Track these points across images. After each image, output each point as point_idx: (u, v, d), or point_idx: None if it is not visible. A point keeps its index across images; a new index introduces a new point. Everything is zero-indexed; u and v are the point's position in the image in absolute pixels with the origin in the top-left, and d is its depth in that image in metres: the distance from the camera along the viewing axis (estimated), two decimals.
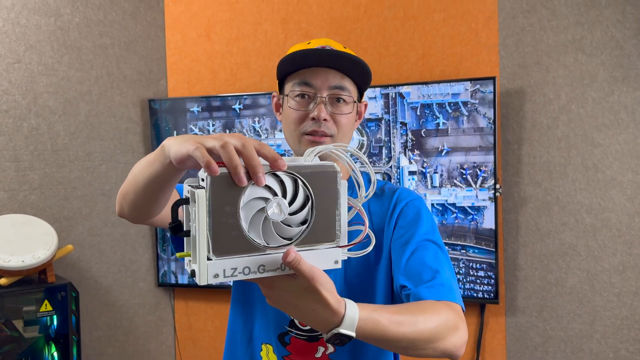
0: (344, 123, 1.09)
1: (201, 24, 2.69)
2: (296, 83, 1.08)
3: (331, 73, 1.07)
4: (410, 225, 1.07)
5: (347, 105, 1.09)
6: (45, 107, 2.35)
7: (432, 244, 1.03)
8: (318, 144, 1.06)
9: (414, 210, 1.09)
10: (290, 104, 1.09)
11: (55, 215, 2.37)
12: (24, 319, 2.00)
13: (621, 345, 2.23)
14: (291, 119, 1.09)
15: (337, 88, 1.07)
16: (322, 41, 1.12)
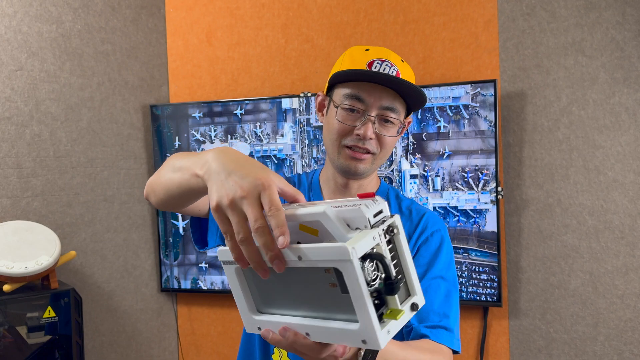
0: (387, 143, 1.08)
1: (202, 30, 2.70)
2: (347, 95, 1.06)
3: (385, 92, 1.04)
4: (430, 257, 1.08)
5: (394, 126, 1.07)
6: (47, 114, 2.36)
7: (445, 283, 1.05)
8: (358, 160, 1.07)
9: (437, 242, 1.10)
10: (338, 116, 1.07)
11: (58, 221, 2.38)
12: (27, 325, 2.01)
13: (625, 347, 2.22)
14: (335, 129, 1.08)
15: (387, 109, 1.05)
16: (380, 52, 1.09)
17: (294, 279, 0.65)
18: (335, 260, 0.58)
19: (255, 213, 0.61)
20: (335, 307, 0.62)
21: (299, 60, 2.58)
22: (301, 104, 2.45)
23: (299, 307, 0.67)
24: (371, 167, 1.10)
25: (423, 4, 2.43)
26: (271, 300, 0.70)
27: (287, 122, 2.47)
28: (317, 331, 0.64)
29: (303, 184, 1.21)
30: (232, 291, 0.72)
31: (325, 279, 0.61)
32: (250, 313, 0.71)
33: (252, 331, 0.72)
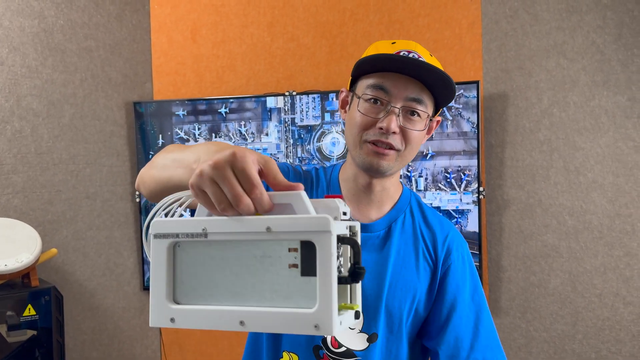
0: (413, 138, 0.98)
1: (187, 27, 2.69)
2: (371, 86, 0.98)
3: (412, 83, 0.96)
4: (457, 283, 1.04)
5: (420, 120, 0.98)
6: (29, 110, 2.33)
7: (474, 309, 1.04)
8: (381, 155, 0.98)
9: (461, 263, 1.06)
10: (360, 107, 0.99)
11: (39, 218, 2.35)
12: (7, 324, 1.98)
13: (603, 345, 2.26)
14: (356, 123, 0.99)
15: (414, 100, 0.96)
16: (408, 44, 1.00)
17: (237, 262, 0.62)
18: (312, 232, 0.57)
19: (231, 184, 0.59)
20: (287, 292, 0.60)
21: (284, 59, 2.59)
22: (286, 103, 2.45)
23: (234, 295, 0.62)
24: (395, 165, 1.00)
25: (408, 5, 2.45)
26: (197, 289, 0.64)
27: (272, 121, 2.47)
28: (255, 318, 0.60)
29: (321, 180, 1.12)
30: (153, 272, 0.64)
31: (285, 258, 0.59)
32: (165, 301, 0.64)
33: (158, 324, 0.64)
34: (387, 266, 1.03)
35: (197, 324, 0.63)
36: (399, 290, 1.02)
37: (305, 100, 2.43)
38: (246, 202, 0.59)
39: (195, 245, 0.63)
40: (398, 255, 1.04)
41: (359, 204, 1.07)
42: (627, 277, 2.23)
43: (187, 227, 0.63)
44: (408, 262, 1.04)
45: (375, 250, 1.04)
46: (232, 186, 0.59)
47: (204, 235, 0.62)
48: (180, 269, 0.64)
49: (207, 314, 0.62)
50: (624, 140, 2.22)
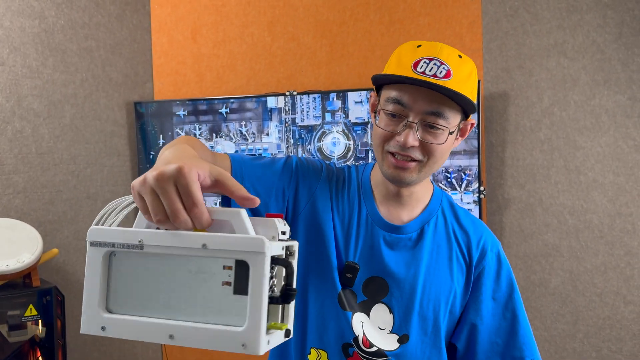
0: (434, 151, 0.97)
1: (187, 27, 2.69)
2: (390, 99, 0.96)
3: (432, 95, 0.93)
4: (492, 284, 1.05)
5: (442, 133, 0.96)
6: (29, 110, 2.33)
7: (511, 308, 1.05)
8: (401, 168, 0.97)
9: (496, 264, 1.07)
10: (380, 121, 0.99)
11: (40, 219, 2.35)
12: (8, 324, 1.98)
13: (603, 344, 2.27)
14: (378, 134, 0.99)
15: (432, 114, 0.94)
16: (432, 49, 0.96)
17: (171, 276, 0.63)
18: (247, 252, 0.58)
19: (169, 198, 0.60)
20: (218, 309, 0.60)
21: (285, 59, 2.59)
22: (287, 102, 2.45)
23: (166, 308, 0.63)
24: (419, 176, 1.00)
25: (408, 4, 2.45)
26: (130, 300, 0.64)
27: (273, 122, 2.47)
28: (184, 333, 0.61)
29: (352, 179, 1.11)
30: (87, 279, 0.64)
31: (219, 275, 0.60)
32: (98, 308, 0.63)
33: (89, 331, 0.64)
34: (420, 268, 1.03)
35: (127, 334, 0.63)
36: (433, 292, 1.03)
37: (305, 100, 2.43)
38: (184, 219, 0.60)
39: (130, 255, 0.64)
40: (431, 257, 1.04)
41: (390, 207, 1.07)
42: (627, 276, 2.23)
43: (123, 238, 0.63)
44: (442, 263, 1.05)
45: (407, 251, 1.05)
46: (171, 201, 0.59)
47: (140, 247, 0.62)
48: (115, 278, 0.64)
49: (137, 325, 0.63)
50: (624, 139, 2.22)
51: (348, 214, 1.07)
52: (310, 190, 1.07)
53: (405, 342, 1.03)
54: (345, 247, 1.05)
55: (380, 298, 1.03)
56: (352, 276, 1.02)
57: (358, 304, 1.03)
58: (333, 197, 1.08)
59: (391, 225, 1.05)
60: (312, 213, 1.06)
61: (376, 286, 1.04)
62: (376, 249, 1.04)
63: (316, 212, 1.06)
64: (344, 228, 1.06)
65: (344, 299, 1.03)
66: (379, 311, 1.03)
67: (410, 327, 1.02)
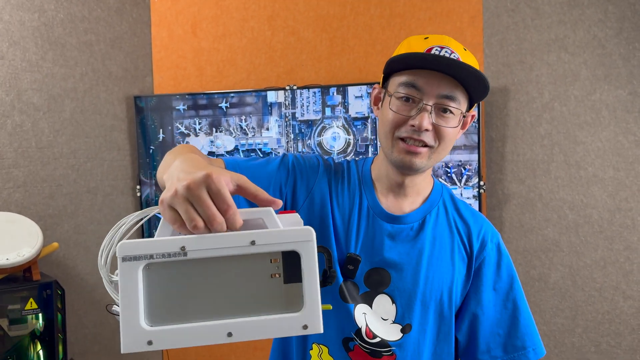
0: (446, 135, 0.98)
1: (187, 21, 2.68)
2: (403, 83, 0.97)
3: (445, 80, 0.95)
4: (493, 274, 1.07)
5: (454, 117, 0.98)
6: (29, 104, 2.33)
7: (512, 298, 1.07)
8: (414, 153, 0.98)
9: (496, 255, 1.08)
10: (392, 105, 0.99)
11: (40, 213, 2.35)
12: (8, 318, 1.99)
13: (602, 339, 2.27)
14: (388, 120, 0.99)
15: (446, 97, 0.96)
16: (441, 39, 0.99)
17: (217, 278, 0.64)
18: (296, 242, 0.63)
19: (204, 204, 0.62)
20: (271, 301, 0.64)
21: (285, 53, 2.58)
22: (287, 97, 2.45)
23: (215, 310, 0.64)
24: (428, 162, 1.01)
25: None
26: (173, 309, 0.64)
27: (273, 116, 2.47)
28: (242, 328, 0.63)
29: (352, 173, 1.12)
30: (123, 296, 0.63)
31: (266, 269, 0.64)
32: (140, 323, 0.63)
33: (134, 349, 0.63)
34: (422, 258, 1.04)
35: (179, 342, 0.63)
36: (436, 282, 1.04)
37: (305, 94, 2.43)
38: (220, 221, 0.62)
39: (168, 265, 0.64)
40: (433, 246, 1.05)
41: (392, 198, 1.08)
42: (627, 271, 2.23)
43: (162, 248, 0.63)
44: (444, 253, 1.06)
45: (409, 241, 1.05)
46: (207, 207, 0.62)
47: (183, 254, 0.63)
48: (152, 291, 0.64)
49: (190, 331, 0.63)
50: (624, 134, 2.22)
51: (348, 207, 1.07)
52: (308, 186, 1.08)
53: (408, 331, 1.04)
54: (347, 239, 1.05)
55: (383, 289, 1.04)
56: (354, 268, 1.03)
57: (360, 296, 1.04)
58: (332, 190, 1.09)
59: (392, 216, 1.06)
60: (311, 208, 1.06)
61: (378, 277, 1.04)
62: (377, 240, 1.05)
63: (315, 207, 1.06)
64: (344, 221, 1.06)
65: (345, 292, 1.04)
66: (381, 302, 1.04)
67: (413, 316, 1.03)
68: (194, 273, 0.64)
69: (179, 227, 0.64)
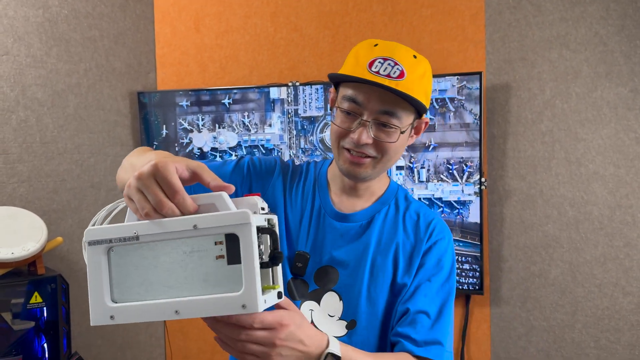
0: (388, 149, 1.00)
1: (190, 17, 2.69)
2: (345, 97, 0.99)
3: (385, 95, 0.96)
4: (432, 268, 1.07)
5: (395, 131, 0.98)
6: (33, 100, 2.34)
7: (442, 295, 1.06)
8: (356, 164, 1.01)
9: (439, 252, 1.08)
10: (337, 118, 1.02)
11: (44, 207, 2.37)
12: (12, 312, 2.01)
13: (602, 334, 2.29)
14: (333, 131, 1.03)
15: (386, 114, 0.97)
16: (388, 49, 0.98)
17: (168, 260, 0.69)
18: (234, 225, 0.65)
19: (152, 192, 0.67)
20: (215, 281, 0.67)
21: (288, 49, 2.59)
22: (289, 94, 2.46)
23: (166, 289, 0.69)
24: (373, 172, 1.04)
25: None
26: (132, 287, 0.70)
27: (275, 112, 2.48)
28: (188, 306, 0.67)
29: (310, 174, 1.16)
30: (90, 276, 0.71)
31: (212, 251, 0.67)
32: (104, 300, 0.70)
33: (100, 322, 0.71)
34: (367, 254, 1.06)
35: (135, 317, 0.69)
36: (380, 277, 1.06)
37: (308, 91, 2.44)
38: (169, 206, 0.67)
39: (127, 248, 0.70)
40: (379, 243, 1.07)
41: (345, 199, 1.11)
42: (626, 268, 2.25)
43: (119, 233, 0.70)
44: (389, 250, 1.07)
45: (355, 239, 1.08)
46: (154, 194, 0.67)
47: (136, 238, 0.69)
48: (115, 271, 0.71)
49: (144, 308, 0.69)
50: (625, 131, 2.23)
51: (301, 206, 1.11)
52: (263, 188, 1.12)
53: (353, 327, 1.05)
54: (297, 238, 1.09)
55: (331, 286, 1.06)
56: (302, 265, 1.06)
57: (310, 293, 1.06)
58: (287, 191, 1.12)
59: (341, 215, 1.09)
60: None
61: (327, 275, 1.07)
62: (328, 239, 1.08)
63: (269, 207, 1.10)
64: (295, 220, 1.10)
65: (293, 288, 1.07)
66: (329, 299, 1.06)
67: (358, 312, 1.05)
68: (147, 255, 0.70)
69: (139, 215, 0.69)
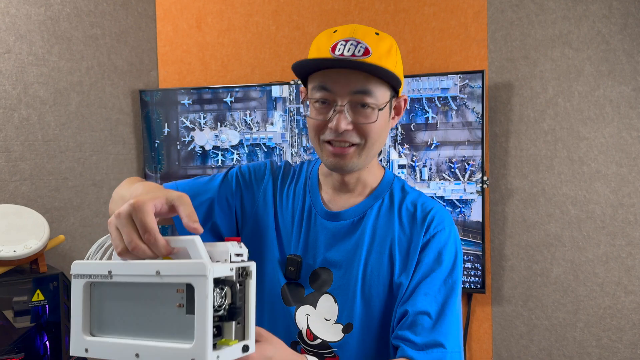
0: (370, 131, 0.95)
1: (192, 15, 2.69)
2: (315, 87, 0.96)
3: (353, 75, 0.92)
4: (431, 263, 0.98)
5: (373, 111, 0.94)
6: (35, 98, 2.34)
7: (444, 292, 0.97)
8: (340, 156, 0.96)
9: (439, 244, 1.00)
10: (310, 111, 0.98)
11: (47, 205, 2.37)
12: (14, 310, 2.01)
13: (604, 333, 2.29)
14: (311, 127, 0.99)
15: (360, 93, 0.93)
16: (347, 30, 0.95)
17: (137, 301, 0.70)
18: (192, 276, 0.64)
19: (126, 232, 0.68)
20: (175, 329, 0.67)
21: (290, 48, 2.59)
22: (291, 92, 2.46)
23: (135, 330, 0.70)
24: (359, 161, 0.99)
25: None
26: (107, 324, 0.72)
27: (277, 111, 2.48)
28: (147, 351, 0.67)
29: (302, 174, 1.12)
30: (72, 308, 0.74)
31: (174, 298, 0.67)
32: (82, 333, 0.73)
33: (76, 353, 0.73)
34: (360, 254, 1.01)
35: (104, 354, 0.70)
36: (375, 276, 1.00)
37: None
38: (140, 247, 0.67)
39: (105, 285, 0.72)
40: (372, 241, 1.02)
41: (336, 196, 1.07)
42: (629, 267, 2.24)
43: (97, 270, 0.71)
44: (383, 247, 1.01)
45: (348, 238, 1.03)
46: (128, 233, 0.68)
47: (109, 276, 0.70)
48: (94, 306, 0.74)
49: (111, 346, 0.70)
50: (628, 130, 2.22)
51: (291, 209, 1.07)
52: (254, 196, 1.10)
53: (350, 331, 1.00)
54: (288, 242, 1.05)
55: (326, 288, 1.02)
56: (295, 269, 1.02)
57: (306, 297, 1.02)
58: (277, 195, 1.10)
59: (332, 213, 1.05)
60: (256, 217, 1.08)
61: (322, 277, 1.02)
62: (320, 240, 1.04)
63: (259, 215, 1.08)
64: (286, 222, 1.07)
65: (287, 294, 1.03)
66: (324, 302, 1.01)
67: (354, 315, 1.00)
68: (118, 294, 0.71)
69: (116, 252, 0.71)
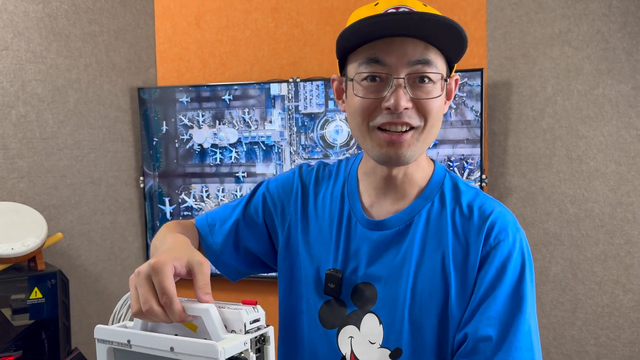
0: (432, 109, 0.80)
1: (191, 12, 2.68)
2: (363, 62, 0.80)
3: (411, 44, 0.78)
4: (491, 280, 0.82)
5: (434, 85, 0.80)
6: (33, 95, 2.34)
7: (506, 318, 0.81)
8: (396, 144, 0.81)
9: (501, 257, 0.83)
10: (357, 91, 0.81)
11: (45, 203, 2.37)
12: (12, 307, 2.01)
13: (601, 332, 2.29)
14: (358, 110, 0.82)
15: (419, 63, 0.78)
16: (393, 0, 0.81)
17: None
18: (204, 357, 0.64)
19: (142, 292, 0.67)
20: None
21: (288, 45, 2.58)
22: (290, 90, 2.45)
23: None
24: (417, 149, 0.83)
25: None
26: None
27: (276, 109, 2.48)
28: None
29: (340, 174, 0.98)
30: None
31: None
32: None
33: None
34: (408, 269, 0.86)
35: None
36: (426, 296, 0.84)
37: (309, 87, 2.43)
38: (154, 311, 0.66)
39: (122, 352, 0.73)
40: (422, 254, 0.86)
41: (380, 198, 0.92)
42: (627, 265, 2.25)
43: (117, 337, 0.72)
44: (435, 261, 0.85)
45: (391, 249, 0.88)
46: (143, 293, 0.67)
47: (129, 345, 0.71)
48: None
49: None
50: (626, 129, 2.22)
51: (328, 216, 0.94)
52: (283, 212, 1.00)
53: (398, 357, 0.85)
54: (327, 254, 0.92)
55: (370, 307, 0.87)
56: (335, 285, 0.89)
57: (348, 316, 0.89)
58: (311, 203, 0.97)
59: (373, 222, 0.90)
60: (289, 234, 0.99)
61: (365, 294, 0.88)
62: (361, 252, 0.89)
63: (291, 232, 0.98)
64: (323, 234, 0.93)
65: (327, 315, 0.91)
66: (369, 322, 0.88)
67: (402, 339, 0.85)
68: None
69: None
